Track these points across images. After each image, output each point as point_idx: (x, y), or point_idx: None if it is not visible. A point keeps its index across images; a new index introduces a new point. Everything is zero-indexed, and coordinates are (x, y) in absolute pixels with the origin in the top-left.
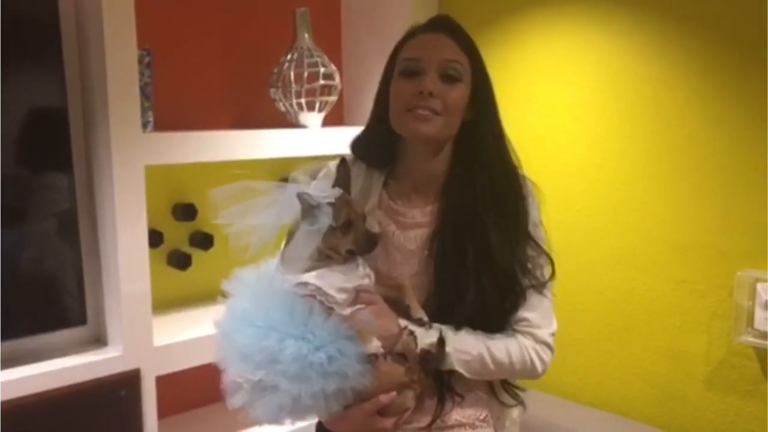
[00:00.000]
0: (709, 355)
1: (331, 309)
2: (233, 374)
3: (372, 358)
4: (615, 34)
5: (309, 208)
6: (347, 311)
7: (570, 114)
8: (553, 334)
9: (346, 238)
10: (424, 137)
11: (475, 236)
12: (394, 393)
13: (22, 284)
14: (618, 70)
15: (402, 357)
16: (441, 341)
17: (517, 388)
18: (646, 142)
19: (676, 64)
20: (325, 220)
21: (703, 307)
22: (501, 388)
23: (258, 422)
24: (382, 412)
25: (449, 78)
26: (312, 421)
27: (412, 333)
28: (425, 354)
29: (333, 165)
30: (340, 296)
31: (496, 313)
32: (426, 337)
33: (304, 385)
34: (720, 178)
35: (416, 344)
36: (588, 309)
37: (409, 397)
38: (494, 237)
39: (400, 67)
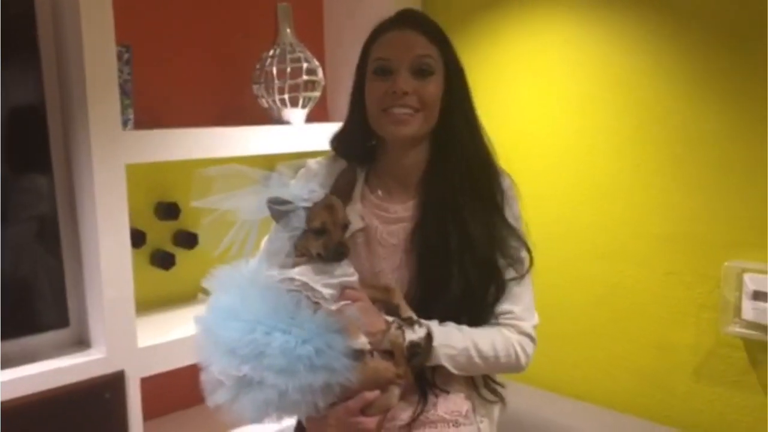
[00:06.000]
0: (698, 346)
1: (317, 304)
2: (215, 371)
3: (359, 354)
4: (598, 27)
5: (281, 214)
6: (334, 307)
7: (555, 108)
8: (535, 327)
9: (318, 241)
10: (404, 138)
11: (456, 226)
12: (378, 391)
13: (1, 287)
14: (602, 63)
15: (388, 354)
16: (429, 336)
17: (497, 383)
18: (630, 135)
19: (660, 57)
20: (297, 223)
21: (691, 298)
22: (482, 383)
23: (242, 419)
24: (366, 411)
25: (422, 73)
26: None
27: (400, 327)
28: (413, 348)
29: (314, 163)
30: (327, 291)
31: (479, 305)
32: (414, 333)
33: (292, 378)
34: (705, 170)
35: (404, 338)
36: (575, 303)
37: (395, 395)
38: (473, 225)
39: (372, 67)
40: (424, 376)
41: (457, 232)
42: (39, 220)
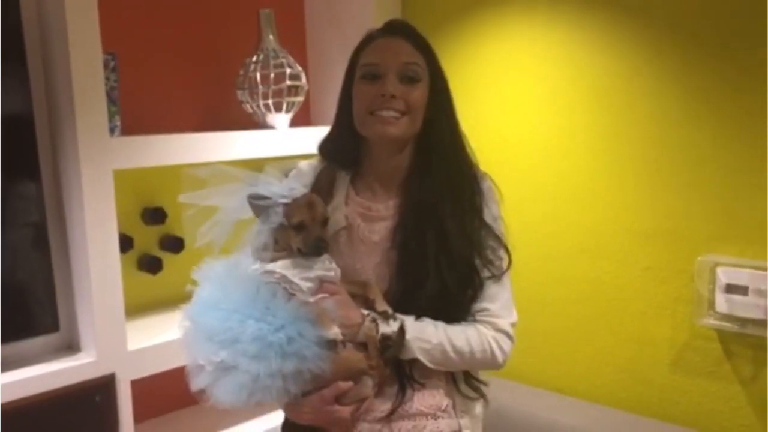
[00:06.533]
0: (674, 339)
1: (294, 295)
2: (198, 357)
3: (332, 345)
4: (575, 31)
5: (260, 209)
6: (311, 300)
7: (532, 108)
8: (513, 325)
9: (298, 237)
10: (390, 139)
11: (433, 225)
12: (351, 381)
13: None
14: (578, 66)
15: (363, 346)
16: (402, 330)
17: (479, 380)
18: (607, 135)
19: (636, 61)
20: (275, 218)
21: (667, 292)
22: (462, 379)
23: (219, 404)
24: (340, 400)
25: (409, 79)
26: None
27: (374, 320)
28: (385, 340)
29: (305, 164)
30: (305, 285)
31: (456, 302)
32: (388, 326)
33: (263, 364)
34: (678, 168)
35: (377, 331)
36: (556, 299)
37: (368, 386)
38: (450, 224)
39: (361, 72)
40: (403, 370)
41: (435, 233)
42: (28, 227)
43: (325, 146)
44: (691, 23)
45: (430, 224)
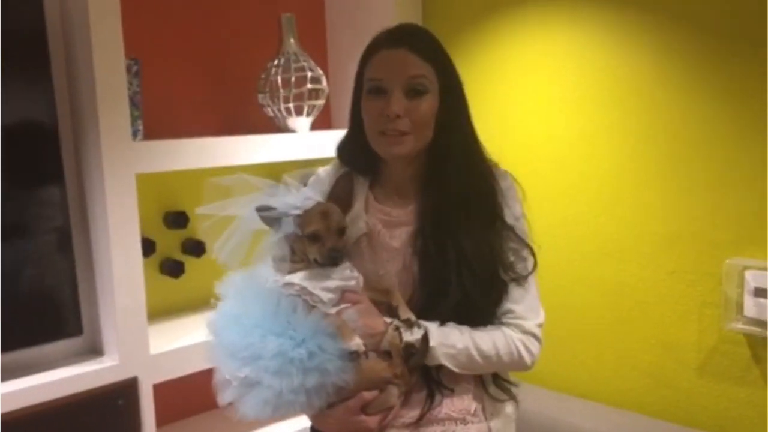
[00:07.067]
0: (701, 343)
1: (314, 307)
2: (223, 372)
3: (354, 356)
4: (598, 31)
5: (270, 220)
6: (333, 310)
7: (556, 110)
8: (540, 326)
9: (313, 247)
10: (397, 157)
11: (451, 234)
12: (377, 391)
13: (17, 296)
14: (602, 66)
15: (387, 355)
16: (425, 337)
17: (508, 382)
18: (631, 136)
19: (658, 59)
20: (287, 229)
21: (694, 296)
22: (491, 381)
23: (246, 418)
24: (366, 410)
25: (416, 93)
26: (304, 421)
27: (397, 328)
28: (409, 348)
29: (322, 171)
30: (326, 295)
31: (480, 307)
32: (412, 334)
33: (285, 380)
34: (705, 170)
35: (401, 339)
36: (580, 303)
37: (393, 395)
38: (468, 234)
39: (367, 86)
40: (431, 375)
41: (453, 244)
42: (52, 231)
43: (343, 149)
44: (722, 22)
45: (447, 234)
